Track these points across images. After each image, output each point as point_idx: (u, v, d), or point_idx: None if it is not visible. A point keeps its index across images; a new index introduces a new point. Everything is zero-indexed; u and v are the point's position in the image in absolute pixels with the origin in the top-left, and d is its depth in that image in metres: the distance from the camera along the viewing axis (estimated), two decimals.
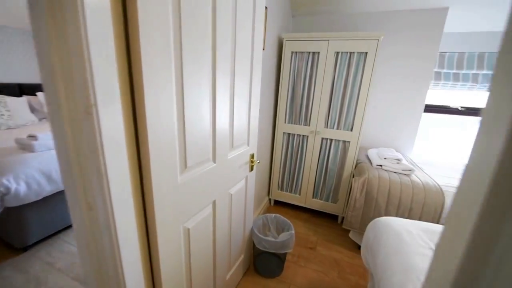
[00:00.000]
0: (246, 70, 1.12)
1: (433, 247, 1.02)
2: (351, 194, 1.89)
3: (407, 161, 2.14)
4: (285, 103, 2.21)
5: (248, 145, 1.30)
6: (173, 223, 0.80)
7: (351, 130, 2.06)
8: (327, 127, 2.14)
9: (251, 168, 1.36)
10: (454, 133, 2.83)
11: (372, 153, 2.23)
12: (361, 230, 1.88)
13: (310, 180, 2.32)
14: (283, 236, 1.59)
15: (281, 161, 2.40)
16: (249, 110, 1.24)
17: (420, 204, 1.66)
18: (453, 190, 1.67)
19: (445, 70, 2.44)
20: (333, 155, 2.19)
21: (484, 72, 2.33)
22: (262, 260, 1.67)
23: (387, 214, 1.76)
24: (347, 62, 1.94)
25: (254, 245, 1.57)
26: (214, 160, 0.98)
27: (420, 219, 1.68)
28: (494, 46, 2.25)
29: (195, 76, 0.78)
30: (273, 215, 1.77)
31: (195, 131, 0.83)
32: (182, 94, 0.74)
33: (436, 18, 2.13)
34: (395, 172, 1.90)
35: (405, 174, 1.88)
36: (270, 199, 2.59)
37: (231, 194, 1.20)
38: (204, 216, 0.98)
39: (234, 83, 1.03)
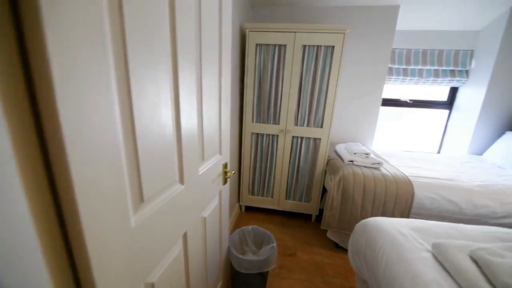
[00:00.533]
0: (213, 59, 0.88)
1: (429, 248, 0.97)
2: (327, 193, 1.82)
3: (373, 154, 2.19)
4: (251, 101, 2.02)
5: (220, 153, 1.07)
6: (129, 284, 0.53)
7: (321, 126, 2.00)
8: (297, 125, 2.03)
9: (225, 181, 1.13)
10: (404, 124, 3.08)
11: (341, 148, 2.22)
12: (339, 229, 1.83)
13: (282, 181, 2.20)
14: (264, 252, 1.41)
15: (251, 164, 2.21)
16: (220, 110, 1.01)
17: (393, 197, 1.69)
18: (419, 180, 1.75)
19: (396, 66, 2.59)
20: (305, 154, 2.10)
21: (428, 67, 2.55)
22: (242, 282, 1.46)
23: (363, 210, 1.74)
24: (314, 56, 1.85)
25: (231, 265, 1.35)
26: (182, 181, 0.73)
27: (393, 212, 1.71)
28: (435, 44, 2.48)
29: (148, 70, 0.52)
30: (250, 227, 1.58)
31: (152, 146, 0.57)
32: (129, 96, 0.48)
33: (390, 15, 2.22)
34: (365, 167, 1.90)
35: (374, 168, 1.90)
36: (241, 206, 2.38)
37: (205, 218, 0.96)
38: (173, 258, 0.72)
39: (201, 75, 0.78)
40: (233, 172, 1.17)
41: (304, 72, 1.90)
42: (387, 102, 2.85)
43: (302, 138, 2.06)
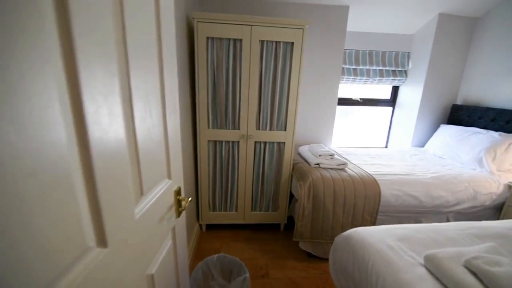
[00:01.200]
0: (149, 54, 0.60)
1: (421, 261, 0.88)
2: (298, 203, 1.68)
3: (336, 154, 2.16)
4: (206, 104, 1.73)
5: (169, 177, 0.78)
6: None
7: (285, 129, 1.85)
8: (259, 129, 1.84)
9: (179, 214, 0.84)
10: (351, 121, 3.20)
11: (305, 150, 2.12)
12: (312, 238, 1.71)
13: (247, 192, 1.97)
14: (235, 286, 1.15)
15: (210, 176, 1.92)
16: (165, 118, 0.72)
17: (363, 198, 1.64)
18: (383, 178, 1.75)
19: (347, 66, 2.66)
20: (269, 160, 1.92)
21: (374, 67, 2.69)
22: None
23: (335, 215, 1.65)
24: (273, 53, 1.68)
25: None
26: (102, 243, 0.43)
27: (363, 213, 1.67)
28: (379, 46, 2.62)
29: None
30: (215, 256, 1.30)
31: (38, 192, 0.26)
32: None
33: (341, 15, 2.23)
34: (331, 169, 1.83)
35: (340, 169, 1.84)
36: (201, 225, 2.06)
37: (152, 275, 0.66)
38: None
39: (128, 75, 0.50)
40: (190, 199, 0.88)
41: (263, 71, 1.71)
42: (340, 101, 2.91)
43: (265, 143, 1.88)
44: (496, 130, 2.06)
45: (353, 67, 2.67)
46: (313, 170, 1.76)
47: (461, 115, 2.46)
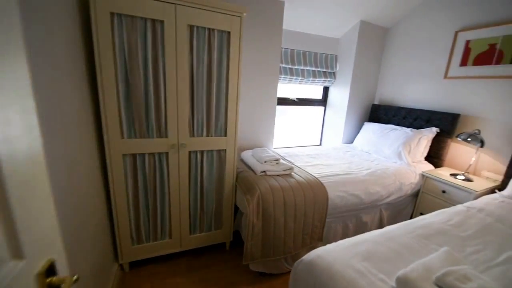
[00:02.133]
0: None
1: (393, 283, 0.78)
2: (246, 221, 1.44)
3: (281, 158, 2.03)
4: (115, 106, 1.27)
5: (18, 255, 0.39)
6: None
7: (225, 134, 1.58)
8: (193, 136, 1.50)
9: None
10: (289, 121, 3.21)
11: (248, 157, 1.91)
12: (264, 257, 1.51)
13: (183, 213, 1.61)
14: None
15: (129, 200, 1.46)
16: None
17: (312, 205, 1.55)
18: (328, 180, 1.71)
19: (283, 65, 2.59)
20: (208, 171, 1.61)
21: (308, 68, 2.72)
22: None
23: (286, 228, 1.50)
24: (207, 42, 1.38)
25: None
26: None
27: (313, 220, 1.58)
28: (312, 47, 2.66)
29: None
30: None
31: None
32: None
33: (277, 11, 2.11)
34: (278, 175, 1.68)
35: (287, 175, 1.71)
36: (122, 265, 1.57)
37: None
38: None
39: None
40: (76, 277, 0.50)
41: (195, 63, 1.39)
42: (278, 101, 2.85)
43: (202, 152, 1.56)
44: (408, 127, 2.38)
45: (289, 66, 2.63)
46: (260, 180, 1.55)
47: (379, 113, 2.77)
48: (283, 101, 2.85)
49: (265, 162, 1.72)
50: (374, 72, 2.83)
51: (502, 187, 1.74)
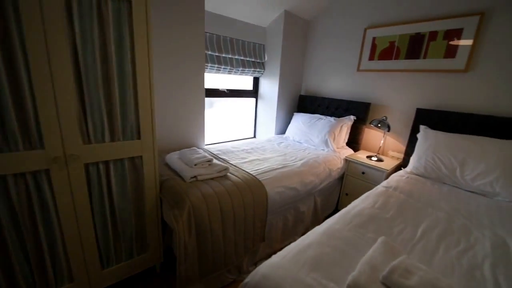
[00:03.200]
0: None
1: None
2: (176, 241, 1.17)
3: (213, 158, 1.82)
4: None
5: None
6: None
7: (139, 137, 1.24)
8: (89, 142, 1.10)
9: None
10: (220, 114, 3.00)
11: (174, 160, 1.61)
12: (203, 277, 1.29)
13: (87, 246, 1.20)
14: None
15: None
16: None
17: (252, 207, 1.42)
18: (265, 177, 1.62)
19: (209, 52, 2.33)
20: (119, 186, 1.24)
21: (236, 57, 2.55)
22: None
23: (225, 237, 1.32)
24: (96, 12, 0.99)
25: None
26: None
27: (254, 223, 1.46)
28: (240, 34, 2.48)
29: None
30: None
31: None
32: None
33: None
34: (212, 179, 1.47)
35: (221, 176, 1.52)
36: None
37: None
38: None
39: None
40: None
41: (79, 44, 0.98)
42: (207, 93, 2.58)
43: (107, 163, 1.18)
44: (331, 116, 2.55)
45: (216, 54, 2.38)
46: (190, 189, 1.30)
47: (306, 104, 2.90)
48: (212, 93, 2.61)
49: (195, 165, 1.47)
50: (300, 63, 2.91)
51: (403, 164, 2.07)
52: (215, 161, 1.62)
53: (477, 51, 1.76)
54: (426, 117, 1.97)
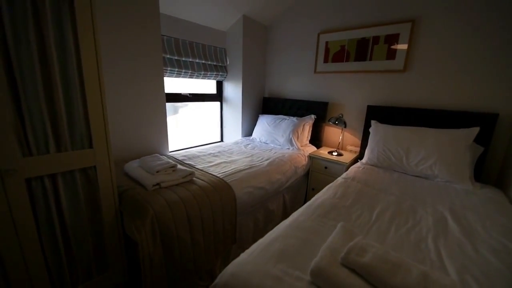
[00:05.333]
0: None
1: (302, 275, 0.75)
2: (141, 254, 1.10)
3: (179, 164, 1.75)
4: None
5: None
6: None
7: (90, 146, 1.14)
8: (30, 155, 0.99)
9: None
10: (185, 119, 2.93)
11: (133, 169, 1.52)
12: (172, 287, 1.23)
13: (35, 274, 1.06)
14: None
15: None
16: None
17: (220, 210, 1.40)
18: (232, 178, 1.62)
19: (168, 56, 2.26)
20: (70, 202, 1.13)
21: (197, 60, 2.52)
22: None
23: (195, 244, 1.28)
24: (31, 12, 0.90)
25: None
26: None
27: (224, 225, 1.45)
28: (200, 38, 2.46)
29: None
30: None
31: None
32: None
33: None
34: (177, 185, 1.42)
35: (187, 182, 1.48)
36: None
37: None
38: None
39: None
40: None
41: (12, 44, 0.88)
42: (168, 98, 2.49)
43: (53, 176, 1.06)
44: (293, 116, 2.67)
45: (176, 57, 2.32)
46: (153, 197, 1.24)
47: (270, 105, 2.98)
48: (174, 97, 2.53)
49: (157, 172, 1.41)
50: (261, 66, 2.99)
51: (360, 156, 2.25)
52: (179, 166, 1.57)
53: (412, 53, 2.02)
54: (376, 113, 2.18)
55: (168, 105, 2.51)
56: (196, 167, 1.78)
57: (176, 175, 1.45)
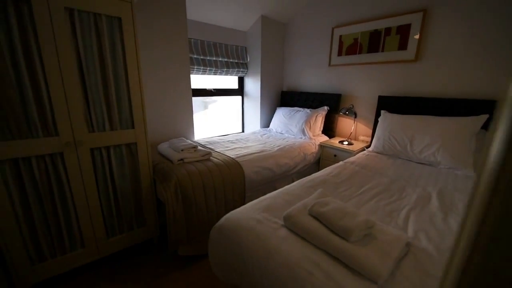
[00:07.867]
0: None
1: (278, 221, 0.99)
2: (166, 207, 1.45)
3: (199, 146, 2.09)
4: None
5: None
6: None
7: (133, 127, 1.52)
8: (93, 131, 1.39)
9: None
10: (210, 112, 3.30)
11: (164, 148, 1.89)
12: (190, 239, 1.57)
13: (95, 218, 1.48)
14: None
15: (17, 214, 1.24)
16: None
17: (231, 183, 1.69)
18: (244, 159, 1.89)
19: (195, 56, 2.62)
20: (119, 168, 1.53)
21: (220, 59, 2.84)
22: None
23: (208, 208, 1.60)
24: (93, 29, 1.28)
25: None
26: None
27: (234, 197, 1.73)
28: (223, 38, 2.77)
29: None
30: None
31: None
32: None
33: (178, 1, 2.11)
34: (197, 161, 1.75)
35: (205, 159, 1.80)
36: None
37: None
38: None
39: None
40: None
41: (82, 50, 1.27)
42: (195, 92, 2.87)
43: (108, 148, 1.46)
44: (308, 108, 2.83)
45: (201, 57, 2.67)
46: (177, 168, 1.58)
47: (287, 98, 3.18)
48: (200, 92, 2.89)
49: (182, 150, 1.75)
50: (280, 62, 3.20)
51: (370, 145, 2.33)
52: (200, 148, 1.90)
53: (423, 42, 2.04)
54: (386, 103, 2.24)
55: (199, 102, 2.90)
56: (215, 150, 2.10)
57: (197, 153, 1.78)
